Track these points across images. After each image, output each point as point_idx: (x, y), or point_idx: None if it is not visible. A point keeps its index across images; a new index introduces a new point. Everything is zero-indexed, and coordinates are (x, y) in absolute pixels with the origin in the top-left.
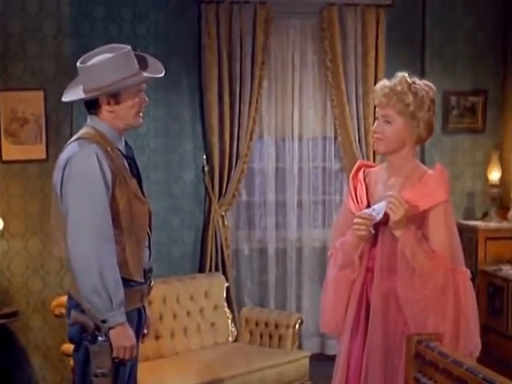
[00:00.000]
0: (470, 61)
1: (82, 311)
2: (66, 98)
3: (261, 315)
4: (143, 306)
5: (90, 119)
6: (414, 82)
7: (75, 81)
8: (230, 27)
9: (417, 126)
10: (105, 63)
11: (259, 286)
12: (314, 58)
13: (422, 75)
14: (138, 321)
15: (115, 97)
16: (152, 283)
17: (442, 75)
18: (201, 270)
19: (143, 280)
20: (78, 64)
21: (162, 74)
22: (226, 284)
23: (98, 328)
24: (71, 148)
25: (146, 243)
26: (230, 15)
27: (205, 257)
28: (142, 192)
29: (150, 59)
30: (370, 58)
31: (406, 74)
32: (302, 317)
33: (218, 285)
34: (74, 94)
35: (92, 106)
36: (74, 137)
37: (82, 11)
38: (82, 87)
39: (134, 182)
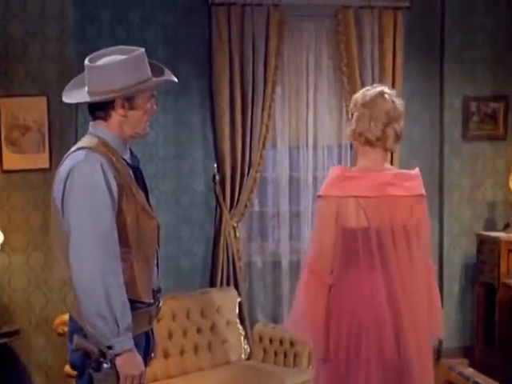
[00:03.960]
0: (491, 65)
1: (86, 336)
2: (70, 100)
3: (275, 332)
4: (151, 329)
5: (92, 127)
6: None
7: (76, 81)
8: (242, 30)
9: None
10: (120, 64)
11: (272, 301)
12: (329, 63)
13: (441, 79)
14: (145, 345)
15: (130, 101)
16: (161, 304)
17: (461, 80)
18: (211, 283)
19: (152, 301)
20: (87, 63)
21: (176, 80)
22: (239, 299)
23: (102, 354)
24: (73, 158)
25: (155, 261)
26: (242, 18)
27: (216, 270)
28: (150, 205)
29: (158, 65)
30: (388, 62)
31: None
32: None
33: (230, 300)
34: (79, 95)
35: (102, 109)
36: (75, 146)
37: (88, 14)
38: (88, 88)
39: (141, 195)
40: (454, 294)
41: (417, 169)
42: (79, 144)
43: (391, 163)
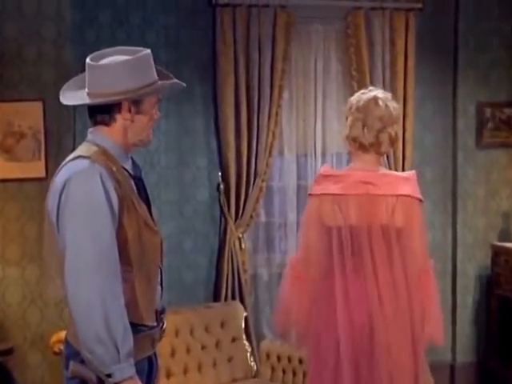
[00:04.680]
0: (506, 69)
1: (83, 361)
2: (70, 101)
3: (283, 348)
4: (154, 353)
5: (90, 134)
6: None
7: (73, 82)
8: (248, 33)
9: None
10: (127, 64)
11: None
12: (339, 67)
13: (454, 84)
14: (148, 371)
15: (137, 104)
16: (165, 325)
17: (475, 85)
18: (215, 296)
19: (155, 323)
20: (89, 62)
21: (184, 84)
22: (245, 314)
23: (101, 382)
24: (69, 168)
25: (158, 279)
26: (248, 20)
27: (220, 283)
28: (153, 219)
29: (162, 69)
30: (399, 66)
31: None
32: None
33: (235, 315)
34: (78, 97)
35: (107, 112)
36: (72, 155)
37: (86, 15)
38: (89, 90)
39: (143, 208)
40: (468, 306)
41: (413, 171)
42: (76, 152)
43: (402, 171)
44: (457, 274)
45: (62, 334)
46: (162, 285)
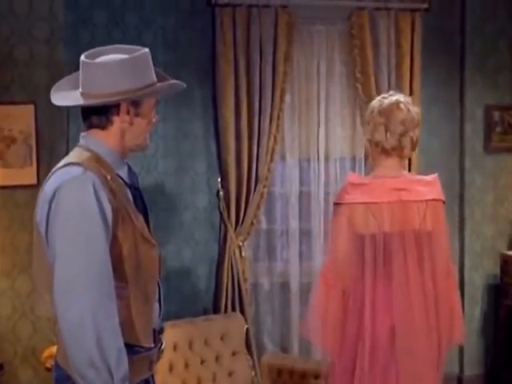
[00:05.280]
0: None
1: None
2: (64, 102)
3: (285, 362)
4: (152, 376)
5: (83, 138)
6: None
7: (65, 82)
8: (248, 34)
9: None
10: (125, 63)
11: (281, 326)
12: (342, 69)
13: (461, 87)
14: None
15: (136, 106)
16: (163, 346)
17: (483, 87)
18: (215, 306)
19: (152, 345)
20: (84, 60)
21: (185, 85)
22: (246, 326)
23: None
24: (59, 176)
25: (156, 296)
26: (248, 20)
27: (220, 292)
28: (150, 231)
29: (160, 71)
30: (405, 69)
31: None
32: None
33: (236, 327)
34: (71, 98)
35: (104, 114)
36: (63, 161)
37: (80, 15)
38: (83, 89)
39: (140, 219)
40: (476, 317)
41: (435, 174)
42: (68, 159)
43: None
44: (464, 284)
45: (55, 349)
46: (160, 302)
